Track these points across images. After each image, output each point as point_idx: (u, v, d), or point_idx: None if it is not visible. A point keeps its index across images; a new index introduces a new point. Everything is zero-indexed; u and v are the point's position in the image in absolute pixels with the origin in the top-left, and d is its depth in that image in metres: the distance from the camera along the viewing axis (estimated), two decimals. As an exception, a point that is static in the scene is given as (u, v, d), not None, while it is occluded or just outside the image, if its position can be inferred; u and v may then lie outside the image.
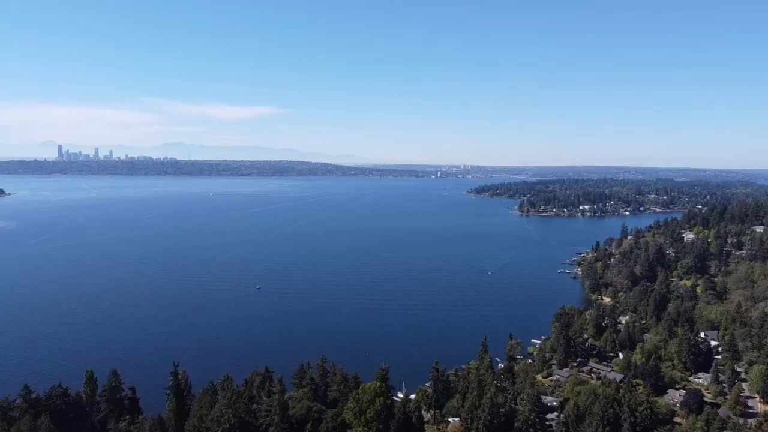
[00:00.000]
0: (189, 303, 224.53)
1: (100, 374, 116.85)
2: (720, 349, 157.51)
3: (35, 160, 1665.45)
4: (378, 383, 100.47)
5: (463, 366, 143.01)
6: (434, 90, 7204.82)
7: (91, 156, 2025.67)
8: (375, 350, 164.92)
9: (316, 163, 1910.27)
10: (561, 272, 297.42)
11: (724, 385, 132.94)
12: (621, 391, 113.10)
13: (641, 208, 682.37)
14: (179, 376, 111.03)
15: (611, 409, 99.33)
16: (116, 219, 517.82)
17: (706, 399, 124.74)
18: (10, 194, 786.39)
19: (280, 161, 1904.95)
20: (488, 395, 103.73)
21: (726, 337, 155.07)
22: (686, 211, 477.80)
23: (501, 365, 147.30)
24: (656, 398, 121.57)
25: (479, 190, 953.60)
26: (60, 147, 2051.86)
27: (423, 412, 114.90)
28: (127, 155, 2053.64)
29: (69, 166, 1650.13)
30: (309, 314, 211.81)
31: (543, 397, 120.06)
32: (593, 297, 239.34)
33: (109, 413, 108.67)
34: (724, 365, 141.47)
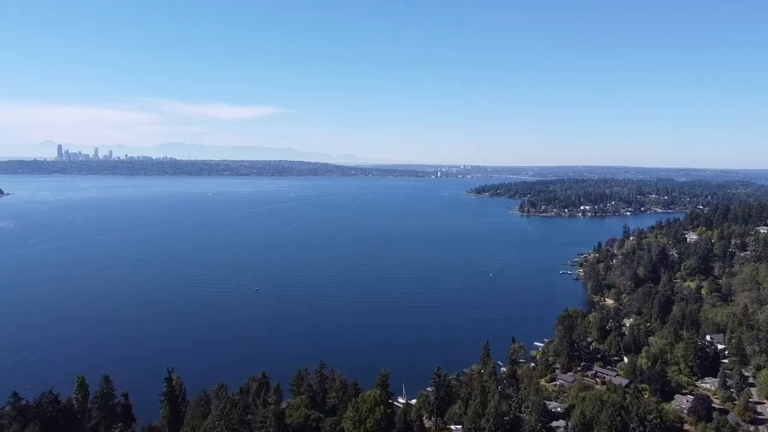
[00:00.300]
0: (186, 305, 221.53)
1: (93, 380, 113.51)
2: (727, 352, 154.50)
3: (35, 160, 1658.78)
4: (378, 391, 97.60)
5: (465, 370, 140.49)
6: (434, 90, 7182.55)
7: (90, 156, 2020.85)
8: (375, 353, 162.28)
9: (316, 163, 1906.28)
10: (563, 273, 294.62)
11: (732, 390, 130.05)
12: (628, 397, 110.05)
13: (642, 209, 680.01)
14: (173, 382, 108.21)
15: (619, 417, 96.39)
16: (115, 219, 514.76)
17: (714, 405, 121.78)
18: (9, 194, 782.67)
19: (280, 161, 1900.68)
20: (492, 403, 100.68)
21: (733, 341, 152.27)
22: (688, 211, 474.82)
23: (503, 369, 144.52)
24: (664, 404, 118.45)
25: (479, 190, 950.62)
26: (60, 147, 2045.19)
27: (424, 420, 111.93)
28: (126, 155, 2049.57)
29: (68, 166, 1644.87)
30: (308, 316, 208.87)
31: (547, 402, 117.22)
32: (596, 299, 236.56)
33: (100, 421, 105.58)
34: (731, 370, 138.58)
